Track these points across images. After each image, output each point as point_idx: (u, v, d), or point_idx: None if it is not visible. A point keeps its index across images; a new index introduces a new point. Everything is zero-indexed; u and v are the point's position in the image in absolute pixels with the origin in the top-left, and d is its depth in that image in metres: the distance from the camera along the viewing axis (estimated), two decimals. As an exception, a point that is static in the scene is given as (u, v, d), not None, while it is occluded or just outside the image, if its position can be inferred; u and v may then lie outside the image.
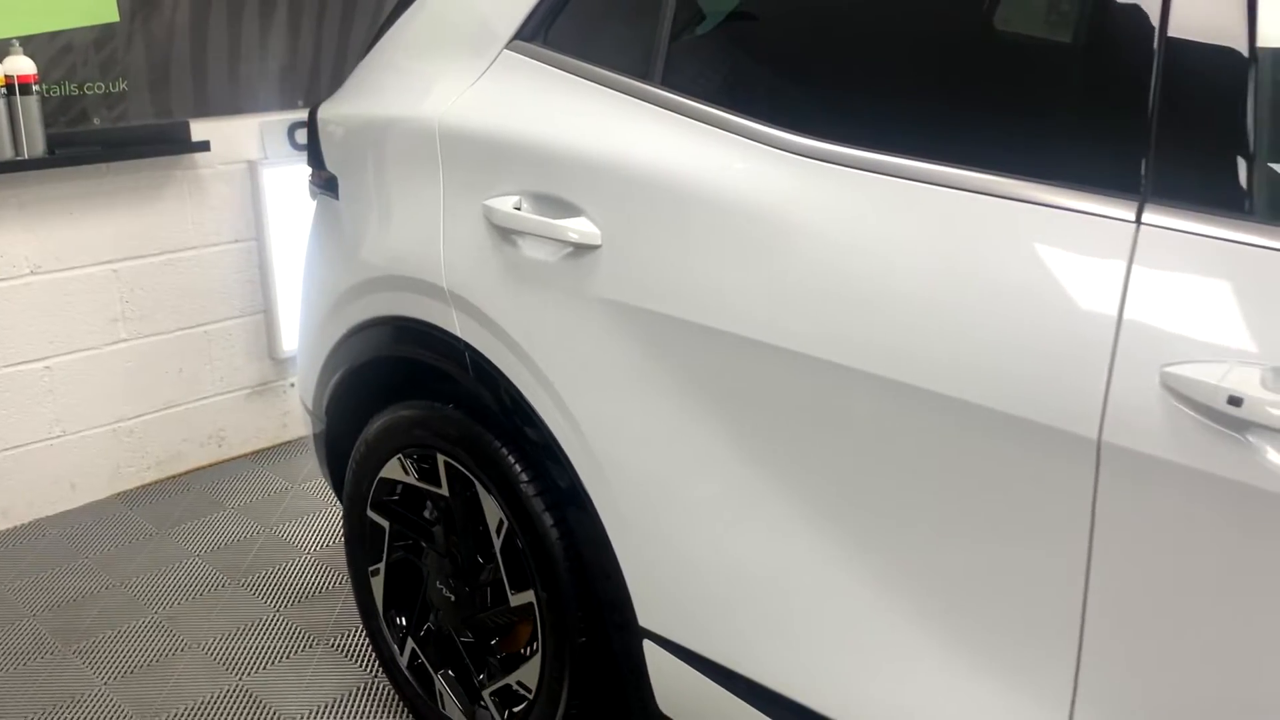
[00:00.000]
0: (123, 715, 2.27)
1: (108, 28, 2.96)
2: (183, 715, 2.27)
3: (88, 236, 3.07)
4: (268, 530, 3.06)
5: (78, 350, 3.12)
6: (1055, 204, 1.19)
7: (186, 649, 2.50)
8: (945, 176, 1.27)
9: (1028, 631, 1.22)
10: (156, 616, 2.63)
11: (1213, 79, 1.12)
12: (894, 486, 1.31)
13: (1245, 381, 1.02)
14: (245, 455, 3.53)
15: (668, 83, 1.61)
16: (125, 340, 3.21)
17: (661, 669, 1.67)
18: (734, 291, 1.43)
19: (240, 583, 2.78)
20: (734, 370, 1.45)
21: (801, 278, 1.37)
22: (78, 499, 3.21)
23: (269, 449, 3.57)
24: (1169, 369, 1.07)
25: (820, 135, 1.39)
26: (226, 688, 2.36)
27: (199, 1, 3.12)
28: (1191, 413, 1.05)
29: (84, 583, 2.79)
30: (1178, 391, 1.06)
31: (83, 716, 2.26)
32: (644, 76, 1.64)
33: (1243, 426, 1.02)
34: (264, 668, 2.43)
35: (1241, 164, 1.10)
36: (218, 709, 2.29)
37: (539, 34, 1.81)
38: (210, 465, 3.46)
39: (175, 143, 3.13)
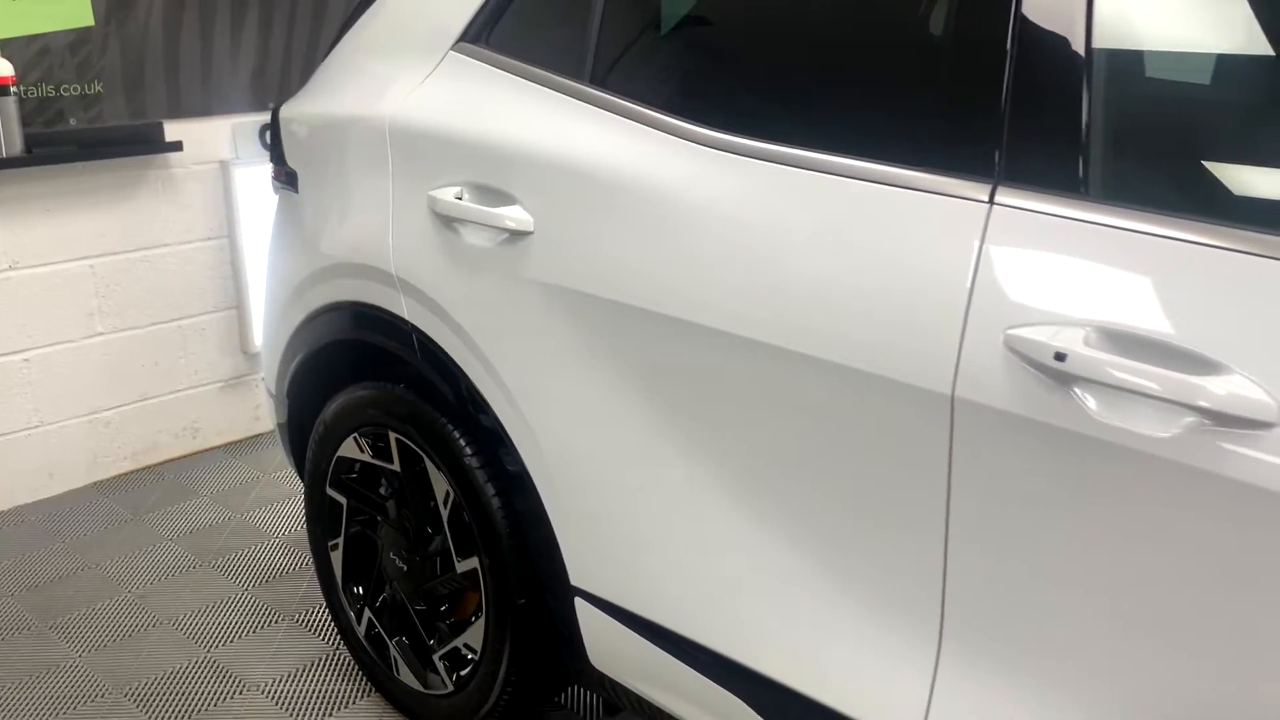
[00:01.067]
0: (96, 684, 2.39)
1: (83, 32, 3.09)
2: (153, 684, 2.39)
3: (65, 233, 3.19)
4: (238, 516, 3.17)
5: (56, 343, 3.23)
6: (920, 187, 1.33)
7: (158, 624, 2.62)
8: (826, 163, 1.41)
9: (903, 569, 1.36)
10: (130, 595, 2.75)
11: (1055, 77, 1.25)
12: (787, 446, 1.45)
13: (1071, 340, 1.16)
14: (218, 447, 3.65)
15: (595, 82, 1.74)
16: (102, 334, 3.33)
17: (592, 625, 1.80)
18: (649, 271, 1.57)
19: (210, 564, 2.90)
20: (650, 344, 1.58)
21: (705, 257, 1.50)
22: (56, 487, 3.32)
23: (241, 441, 3.69)
24: (1011, 331, 1.21)
25: (722, 128, 1.53)
26: (195, 659, 2.48)
27: (172, 6, 3.25)
28: (1029, 369, 1.19)
29: (61, 565, 2.90)
30: (1018, 351, 1.20)
31: (59, 685, 2.38)
32: (575, 76, 1.77)
33: (1069, 380, 1.16)
34: (231, 641, 2.55)
35: (1078, 151, 1.23)
36: (186, 678, 2.41)
37: (482, 37, 1.94)
38: (184, 456, 3.58)
39: (149, 143, 3.26)
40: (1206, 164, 1.24)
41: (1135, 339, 1.13)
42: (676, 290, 1.53)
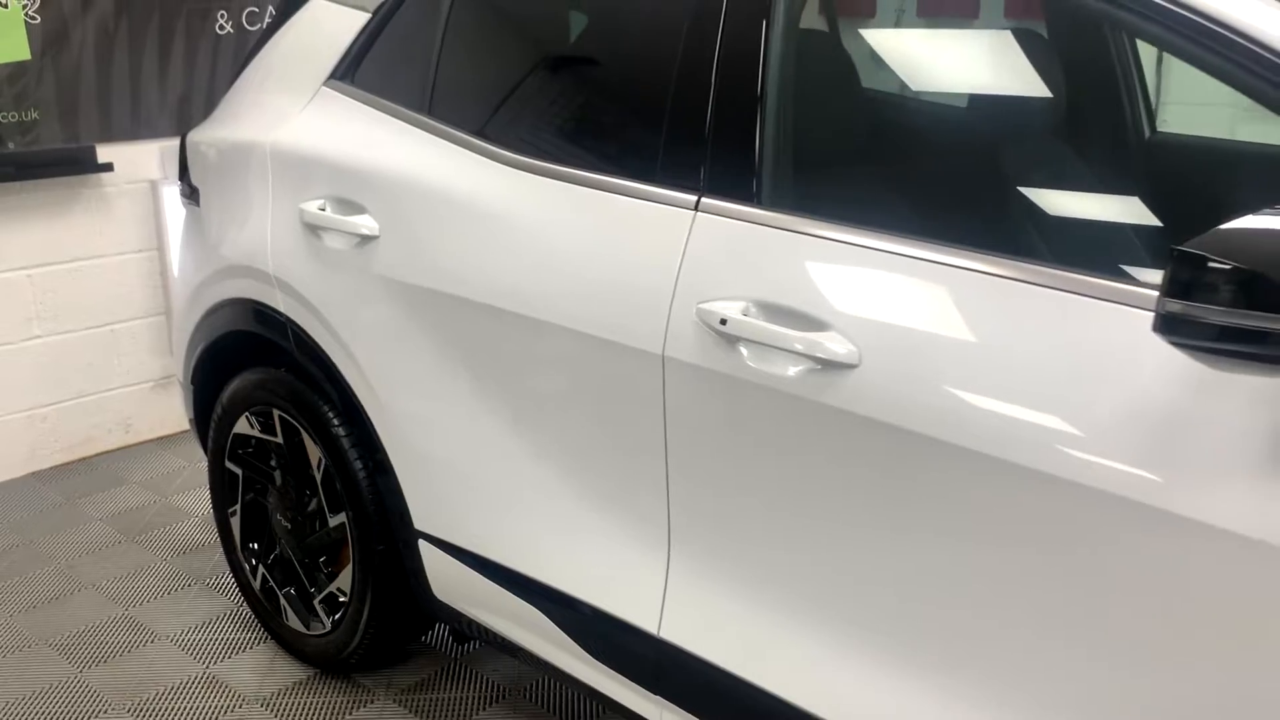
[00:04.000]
0: (23, 638, 2.72)
1: (21, 65, 3.44)
2: (74, 636, 2.73)
3: (4, 247, 3.52)
4: (163, 500, 3.52)
5: (-4, 346, 3.57)
6: (651, 198, 1.72)
7: (82, 590, 2.96)
8: (587, 179, 1.81)
9: (639, 489, 1.75)
10: (59, 566, 3.09)
11: (739, 115, 1.65)
12: (556, 399, 1.84)
13: (731, 310, 1.55)
14: (150, 441, 3.99)
15: (434, 114, 2.13)
16: (39, 337, 3.66)
17: (432, 562, 2.17)
18: (464, 266, 1.95)
19: (134, 539, 3.24)
20: (464, 324, 1.96)
21: (502, 253, 1.89)
22: (-5, 477, 3.65)
23: (171, 435, 4.02)
24: (701, 305, 1.60)
25: (517, 150, 1.93)
26: (113, 615, 2.82)
27: (103, 40, 3.61)
28: (709, 332, 1.58)
29: (-2, 543, 3.24)
30: (703, 320, 1.59)
31: (-10, 641, 2.72)
32: (417, 109, 2.16)
33: (733, 339, 1.56)
34: (147, 602, 2.89)
35: (754, 170, 1.63)
36: (104, 631, 2.75)
37: (348, 75, 2.32)
38: (117, 449, 3.91)
39: (82, 164, 3.61)
40: (837, 180, 1.64)
41: (776, 308, 1.53)
42: (483, 281, 1.92)
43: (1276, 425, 1.14)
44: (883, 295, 1.45)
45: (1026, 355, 1.33)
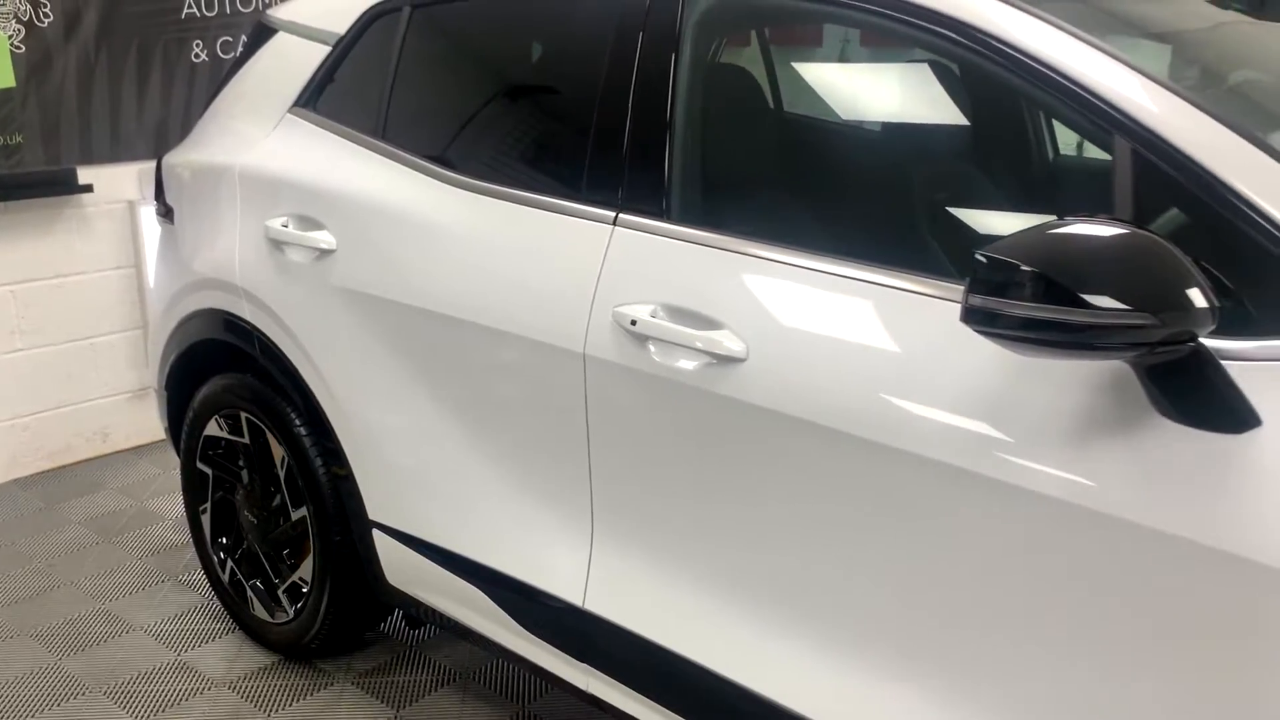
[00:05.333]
0: (6, 630, 2.88)
1: (5, 92, 3.62)
2: (53, 628, 2.89)
3: (-11, 263, 3.71)
4: (139, 504, 3.68)
5: (-20, 358, 3.74)
6: (576, 214, 1.93)
7: (61, 586, 3.13)
8: (521, 197, 2.02)
9: (565, 477, 1.94)
10: (38, 565, 3.25)
11: (651, 139, 1.85)
12: (494, 394, 2.03)
13: (641, 312, 1.75)
14: (127, 449, 4.16)
15: (387, 138, 2.33)
16: (21, 350, 3.83)
17: (386, 550, 2.36)
18: (413, 277, 2.15)
19: (111, 541, 3.41)
20: (414, 330, 2.16)
21: (447, 264, 2.09)
22: (-22, 484, 3.81)
23: (148, 444, 4.19)
24: (616, 308, 1.80)
25: (459, 171, 2.13)
26: (91, 609, 2.99)
27: (84, 68, 3.80)
28: (623, 332, 1.78)
29: (-20, 545, 3.40)
30: (618, 321, 1.79)
31: (-27, 633, 2.88)
32: (372, 133, 2.36)
33: (642, 338, 1.76)
34: (122, 597, 3.06)
35: (663, 189, 1.83)
36: (82, 623, 2.92)
37: (311, 103, 2.52)
38: (96, 457, 4.08)
39: (64, 185, 3.80)
40: (735, 197, 1.85)
41: (680, 310, 1.73)
42: (428, 289, 2.12)
43: (1075, 402, 1.35)
44: (769, 298, 1.66)
45: (884, 349, 1.53)
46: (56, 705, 2.57)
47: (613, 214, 1.88)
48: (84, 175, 3.86)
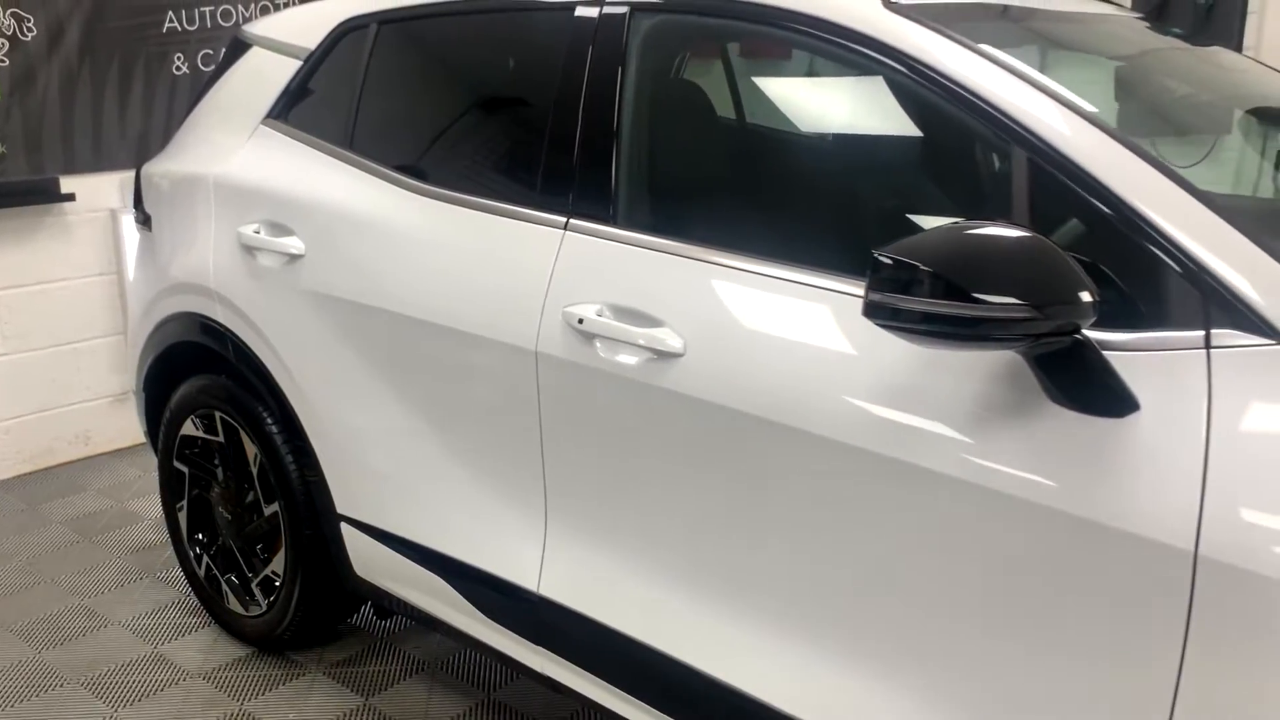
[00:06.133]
0: (-13, 626, 2.98)
1: (-10, 104, 3.73)
2: (33, 622, 2.98)
3: (-27, 270, 3.80)
4: (119, 505, 3.77)
5: (-36, 363, 3.83)
6: (529, 219, 2.04)
7: (41, 583, 3.21)
8: (477, 203, 2.12)
9: (521, 469, 2.05)
10: (20, 563, 3.34)
11: (599, 150, 1.97)
12: (453, 391, 2.14)
13: (588, 311, 1.86)
14: (108, 452, 4.24)
15: (354, 148, 2.44)
16: (4, 354, 3.92)
17: (353, 542, 2.46)
18: (377, 280, 2.25)
19: (91, 540, 3.50)
20: (379, 330, 2.26)
21: (409, 268, 2.19)
22: (-38, 486, 3.89)
23: (129, 448, 4.28)
24: (566, 308, 1.91)
25: (420, 179, 2.24)
26: (70, 605, 3.08)
27: (67, 81, 3.90)
28: (571, 330, 1.89)
29: (-37, 545, 3.48)
30: (567, 320, 1.90)
31: (-45, 628, 2.97)
32: (340, 144, 2.47)
33: (589, 336, 1.87)
34: (102, 593, 3.15)
35: (611, 196, 1.94)
36: (61, 618, 3.01)
37: (283, 115, 2.63)
38: (78, 460, 4.16)
39: (47, 194, 3.89)
40: (676, 203, 1.96)
41: (624, 309, 1.84)
42: (392, 292, 2.22)
43: (976, 391, 1.46)
44: (705, 297, 1.77)
45: (809, 344, 1.64)
46: (36, 696, 2.66)
47: (564, 219, 1.99)
48: (66, 184, 3.95)
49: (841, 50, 1.72)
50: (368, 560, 2.45)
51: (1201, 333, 1.35)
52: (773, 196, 1.94)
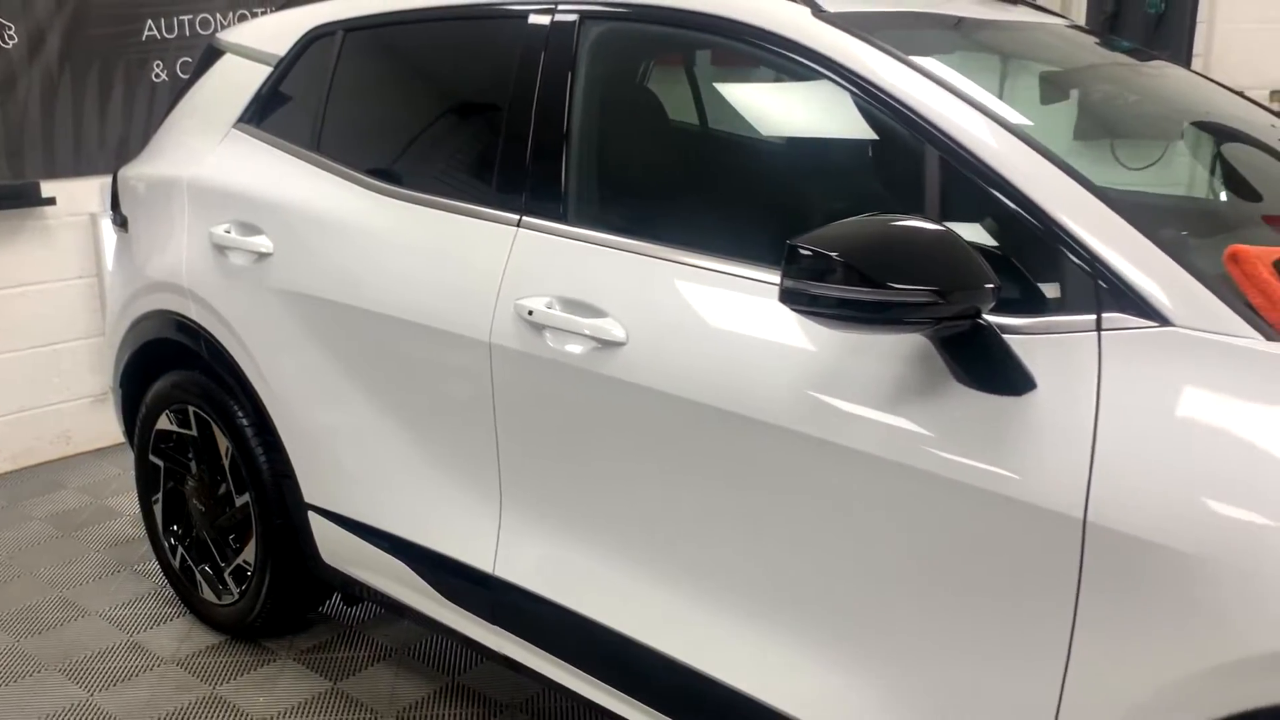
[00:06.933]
0: (-33, 617, 3.06)
1: (-28, 109, 3.81)
2: (12, 613, 3.06)
3: (-45, 272, 3.88)
4: (98, 502, 3.85)
5: (-55, 364, 3.90)
6: (485, 216, 2.13)
7: (20, 576, 3.29)
8: (435, 202, 2.22)
9: (477, 456, 2.14)
10: (0, 557, 3.42)
11: (550, 151, 2.07)
12: (416, 382, 2.23)
13: (538, 304, 1.96)
14: (89, 452, 4.32)
15: (322, 151, 2.54)
16: (-14, 356, 4.01)
17: (320, 530, 2.55)
18: (343, 277, 2.35)
19: (70, 535, 3.58)
20: (345, 326, 2.35)
21: (372, 265, 2.29)
22: (-57, 485, 3.97)
23: (109, 447, 4.35)
24: (518, 301, 2.01)
25: (383, 180, 2.34)
26: (49, 596, 3.16)
27: (48, 87, 3.98)
28: (523, 322, 1.99)
29: (-56, 541, 3.56)
30: (519, 313, 2.00)
31: (-64, 619, 3.05)
32: (308, 146, 2.56)
33: (539, 327, 1.96)
34: (81, 585, 3.23)
35: (561, 195, 2.04)
36: (40, 609, 3.09)
37: (254, 119, 2.72)
38: (58, 459, 4.24)
39: (27, 198, 3.98)
40: (621, 202, 2.06)
41: (571, 301, 1.94)
42: (355, 288, 2.32)
43: (891, 373, 1.56)
44: (646, 290, 1.87)
45: (741, 332, 1.74)
46: (14, 682, 2.74)
47: (517, 217, 2.09)
48: (47, 189, 4.04)
49: (773, 56, 1.83)
50: (334, 548, 2.54)
51: (1093, 316, 1.46)
52: (709, 195, 2.04)
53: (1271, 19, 4.10)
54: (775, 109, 2.06)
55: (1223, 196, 2.26)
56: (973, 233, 1.61)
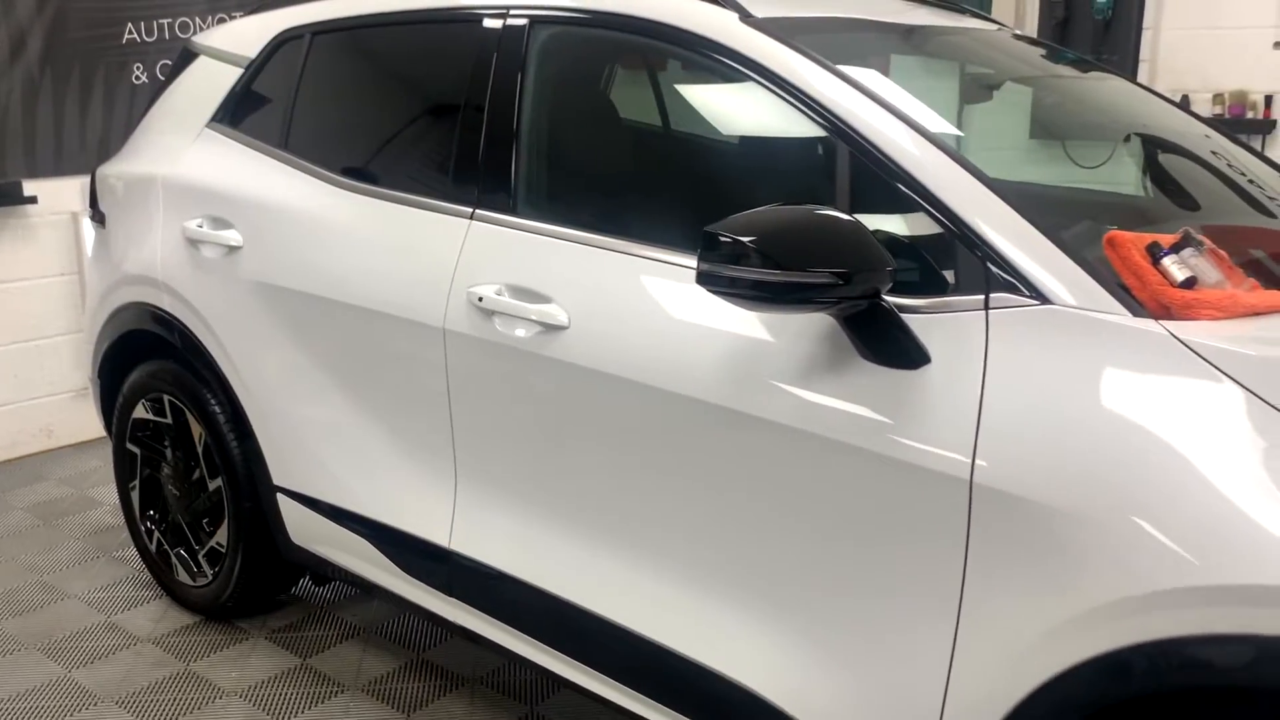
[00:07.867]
0: (-50, 600, 3.17)
1: (-45, 111, 3.92)
2: (-5, 597, 3.18)
3: (-62, 269, 3.99)
4: (79, 492, 3.96)
5: (-71, 359, 4.01)
6: (441, 210, 2.26)
7: (3, 563, 3.40)
8: (396, 196, 2.35)
9: (433, 434, 2.27)
10: (-18, 545, 3.53)
11: (501, 148, 2.20)
12: (375, 367, 2.36)
13: (488, 291, 2.09)
14: (71, 445, 4.43)
15: (290, 149, 2.66)
16: (-31, 351, 4.11)
17: (289, 511, 2.67)
18: (309, 268, 2.47)
19: (51, 524, 3.69)
20: (310, 314, 2.48)
21: (336, 255, 2.41)
22: (-72, 477, 4.07)
23: (91, 441, 4.46)
24: (469, 289, 2.14)
25: (346, 175, 2.46)
26: (29, 581, 3.27)
27: (29, 88, 4.10)
28: (474, 308, 2.12)
29: (-72, 529, 3.66)
30: (469, 300, 2.12)
31: (-81, 602, 3.15)
32: (277, 144, 2.69)
33: (489, 313, 2.09)
34: (61, 570, 3.34)
35: (510, 189, 2.17)
36: (20, 592, 3.20)
37: (226, 119, 2.85)
38: (40, 452, 4.35)
39: (9, 197, 4.09)
40: (566, 195, 2.20)
41: (519, 288, 2.07)
42: (319, 278, 2.44)
43: (804, 350, 1.69)
44: (587, 277, 2.00)
45: (674, 315, 1.87)
46: (-5, 660, 2.86)
47: (470, 209, 2.22)
48: (29, 188, 4.15)
49: (702, 59, 1.96)
50: (301, 528, 2.66)
51: (982, 296, 1.59)
52: (647, 188, 2.18)
53: (1216, 24, 4.25)
54: (706, 109, 2.20)
55: (1149, 194, 2.39)
56: (881, 222, 1.74)
